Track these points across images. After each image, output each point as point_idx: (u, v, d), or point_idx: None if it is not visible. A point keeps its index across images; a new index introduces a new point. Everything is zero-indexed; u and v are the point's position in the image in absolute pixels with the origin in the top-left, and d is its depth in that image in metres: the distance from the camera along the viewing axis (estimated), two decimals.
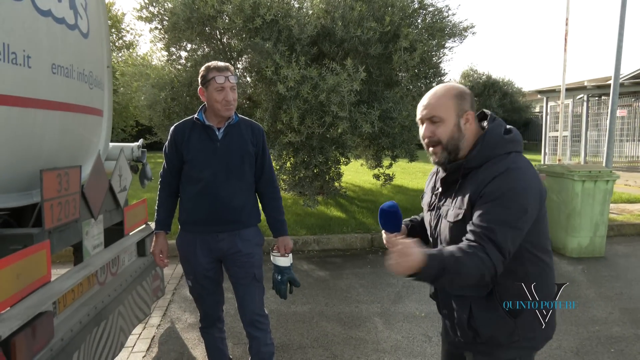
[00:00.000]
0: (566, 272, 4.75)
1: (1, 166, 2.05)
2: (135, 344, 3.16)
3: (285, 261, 2.31)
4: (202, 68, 2.19)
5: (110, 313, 2.44)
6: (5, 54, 1.96)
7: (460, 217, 1.39)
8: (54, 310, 1.95)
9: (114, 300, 2.53)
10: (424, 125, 1.46)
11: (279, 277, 2.29)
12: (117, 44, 19.08)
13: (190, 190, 2.23)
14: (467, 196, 1.38)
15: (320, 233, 5.73)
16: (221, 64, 2.18)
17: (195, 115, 2.25)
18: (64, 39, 2.41)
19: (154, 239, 2.33)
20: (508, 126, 1.48)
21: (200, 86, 2.21)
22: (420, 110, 1.48)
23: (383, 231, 1.52)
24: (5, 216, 2.08)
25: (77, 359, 1.99)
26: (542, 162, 11.84)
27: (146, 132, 8.00)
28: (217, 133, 2.22)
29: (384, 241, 1.52)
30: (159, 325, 3.46)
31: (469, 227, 1.35)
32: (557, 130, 10.92)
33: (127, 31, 19.45)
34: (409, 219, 1.73)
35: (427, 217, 1.60)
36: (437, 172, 1.61)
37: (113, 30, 19.04)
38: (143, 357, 3.00)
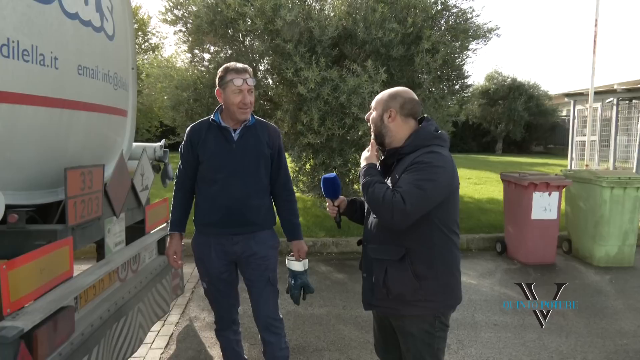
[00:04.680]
0: (593, 282, 4.60)
1: (28, 164, 2.12)
2: (154, 341, 3.21)
3: (299, 265, 2.29)
4: (220, 69, 2.20)
5: (130, 309, 2.48)
6: (34, 55, 2.02)
7: (380, 180, 1.77)
8: (75, 305, 2.00)
9: (134, 297, 2.57)
10: None
11: (293, 282, 2.28)
12: (143, 46, 19.49)
13: (205, 191, 2.24)
14: (398, 173, 1.73)
15: (339, 235, 5.71)
16: (240, 65, 2.18)
17: (212, 117, 2.26)
18: (90, 41, 2.47)
19: (168, 239, 2.35)
20: (438, 128, 1.85)
21: (217, 87, 2.22)
22: None
23: (326, 199, 2.01)
24: (31, 212, 2.14)
25: (97, 353, 2.03)
26: (568, 168, 11.52)
27: (170, 133, 8.12)
28: (233, 134, 2.22)
29: (327, 208, 2.05)
30: (178, 322, 3.51)
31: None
32: (585, 135, 10.60)
33: (153, 34, 19.87)
34: (350, 198, 2.09)
35: None
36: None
37: (139, 33, 19.47)
38: (161, 353, 3.05)
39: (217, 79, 2.22)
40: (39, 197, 2.19)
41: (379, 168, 1.89)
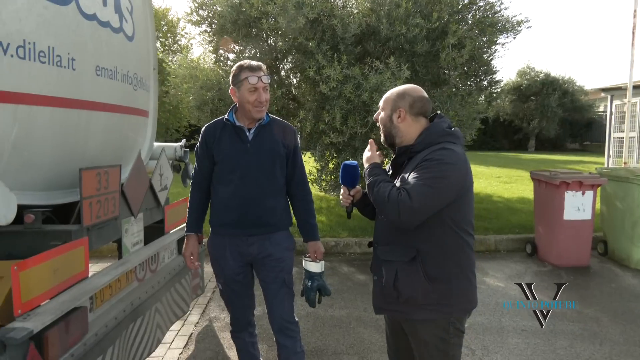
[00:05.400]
0: (630, 286, 4.35)
1: (45, 165, 2.14)
2: (173, 341, 3.22)
3: (316, 267, 2.23)
4: (235, 67, 2.16)
5: (147, 309, 2.48)
6: (51, 56, 2.04)
7: (386, 179, 1.72)
8: (90, 305, 2.00)
9: (151, 297, 2.57)
10: None
11: (309, 284, 2.22)
12: (172, 48, 19.89)
13: (220, 191, 2.21)
14: (409, 172, 1.67)
15: (362, 235, 5.62)
16: (254, 63, 2.14)
17: (226, 116, 2.23)
18: (109, 41, 2.48)
19: (185, 240, 2.34)
20: (451, 124, 1.78)
21: (231, 86, 2.18)
22: None
23: (342, 186, 1.95)
24: (47, 213, 2.16)
25: (112, 354, 2.03)
26: (605, 165, 11.01)
27: (197, 133, 8.24)
28: (247, 134, 2.19)
29: (341, 196, 1.98)
30: (197, 322, 3.52)
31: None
32: (623, 131, 10.10)
33: (182, 35, 20.23)
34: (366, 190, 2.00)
35: None
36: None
37: (169, 34, 19.87)
38: (180, 353, 3.05)
39: (230, 78, 2.19)
40: (57, 197, 2.22)
41: (389, 168, 1.85)
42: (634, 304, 3.89)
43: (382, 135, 1.86)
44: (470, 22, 5.99)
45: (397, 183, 1.71)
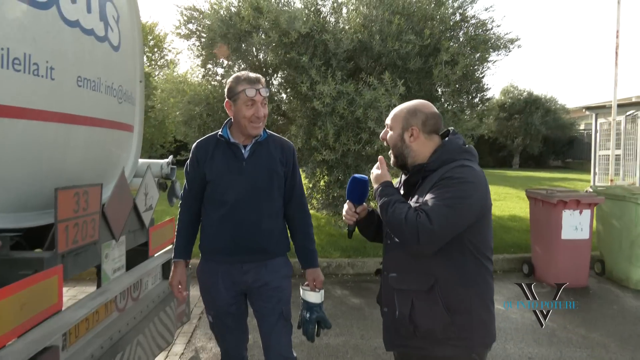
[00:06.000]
0: (632, 308, 4.24)
1: (16, 184, 1.93)
2: None
3: (315, 297, 2.04)
4: (231, 78, 1.99)
5: (128, 344, 2.25)
6: (27, 64, 1.85)
7: (400, 199, 1.57)
8: (63, 343, 1.78)
9: (133, 329, 2.35)
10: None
11: (307, 316, 2.02)
12: (159, 63, 19.69)
13: (212, 214, 2.01)
14: (424, 192, 1.53)
15: (355, 256, 5.44)
16: (252, 75, 1.97)
17: (219, 132, 2.04)
18: (92, 51, 2.31)
19: (172, 267, 2.12)
20: (465, 142, 1.67)
21: (227, 99, 2.01)
22: None
23: (347, 201, 1.76)
24: (17, 238, 1.94)
25: None
26: (592, 183, 11.08)
27: (183, 149, 8.01)
28: (242, 151, 2.00)
29: (344, 212, 1.76)
30: (182, 354, 3.26)
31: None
32: (609, 149, 10.20)
33: (170, 50, 20.07)
34: (371, 208, 1.85)
35: None
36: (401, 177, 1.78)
37: (155, 49, 19.70)
38: None
39: (226, 90, 2.01)
40: (29, 219, 2.00)
41: (401, 188, 1.71)
42: (633, 327, 3.76)
43: (392, 156, 1.71)
44: (462, 39, 5.97)
45: (412, 204, 1.56)
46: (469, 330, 1.52)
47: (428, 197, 1.49)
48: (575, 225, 4.67)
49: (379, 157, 1.72)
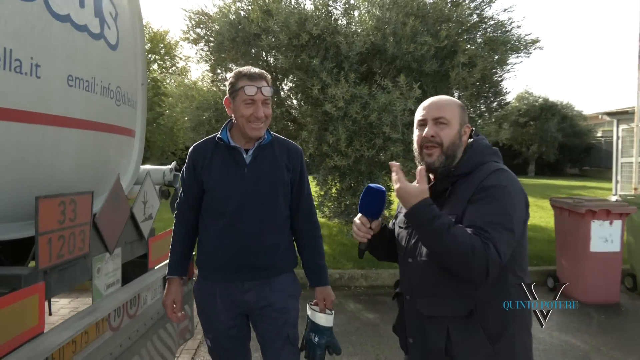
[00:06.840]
0: None
1: None
2: None
3: (326, 320, 1.80)
4: (232, 74, 1.78)
5: None
6: (6, 60, 1.68)
7: (453, 221, 1.34)
8: None
9: (127, 350, 2.14)
10: (427, 125, 1.43)
11: (316, 340, 1.78)
12: (170, 70, 19.75)
13: (210, 226, 1.80)
14: (460, 200, 1.35)
15: (369, 267, 5.19)
16: (255, 70, 1.76)
17: (218, 134, 1.83)
18: (85, 48, 2.13)
19: (166, 285, 1.91)
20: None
21: (227, 95, 1.80)
22: (425, 111, 1.45)
23: (359, 215, 1.50)
24: None
25: None
26: (613, 191, 10.68)
27: None
28: (244, 156, 1.79)
29: (354, 226, 1.50)
30: None
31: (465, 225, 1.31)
32: (632, 156, 9.81)
33: (181, 58, 20.13)
34: (385, 223, 1.62)
35: (403, 233, 1.53)
36: None
37: (166, 57, 19.78)
38: None
39: (227, 86, 1.81)
40: (10, 231, 1.81)
41: None
42: None
43: (441, 156, 1.41)
44: (480, 40, 5.74)
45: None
46: (512, 359, 1.34)
47: (476, 213, 1.30)
48: (605, 237, 4.37)
49: (392, 163, 1.43)
